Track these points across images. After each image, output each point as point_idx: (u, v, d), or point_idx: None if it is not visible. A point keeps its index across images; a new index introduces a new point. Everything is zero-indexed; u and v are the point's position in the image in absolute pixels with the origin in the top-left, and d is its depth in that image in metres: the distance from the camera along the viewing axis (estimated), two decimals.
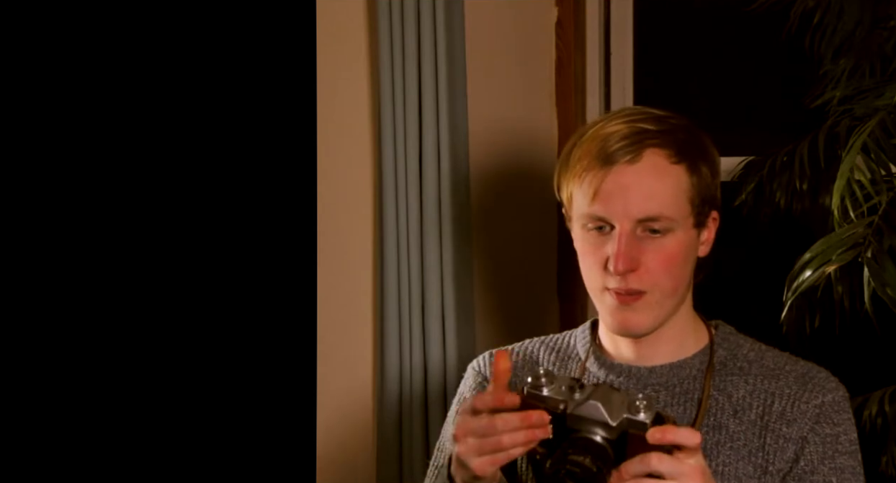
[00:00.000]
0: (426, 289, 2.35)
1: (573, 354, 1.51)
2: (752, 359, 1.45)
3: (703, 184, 1.40)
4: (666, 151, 1.39)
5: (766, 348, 1.48)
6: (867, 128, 1.95)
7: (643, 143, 1.39)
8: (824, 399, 1.41)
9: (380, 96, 2.35)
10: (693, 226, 1.39)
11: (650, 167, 1.38)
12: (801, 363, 1.46)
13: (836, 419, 1.42)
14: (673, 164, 1.39)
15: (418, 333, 2.37)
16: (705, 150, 1.43)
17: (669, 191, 1.38)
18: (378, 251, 2.39)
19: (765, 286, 2.18)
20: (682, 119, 1.46)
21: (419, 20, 2.33)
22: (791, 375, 1.42)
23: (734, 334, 1.49)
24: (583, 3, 2.55)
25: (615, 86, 2.60)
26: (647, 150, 1.39)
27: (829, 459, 1.41)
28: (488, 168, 2.44)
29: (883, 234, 1.94)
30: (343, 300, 2.43)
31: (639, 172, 1.38)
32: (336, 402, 2.41)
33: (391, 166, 2.36)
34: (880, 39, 2.18)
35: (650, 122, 1.42)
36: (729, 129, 2.62)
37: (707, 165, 1.41)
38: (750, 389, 1.42)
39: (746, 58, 2.66)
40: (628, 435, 1.20)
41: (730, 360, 1.44)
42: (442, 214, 2.35)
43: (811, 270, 1.95)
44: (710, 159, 1.42)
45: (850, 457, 1.43)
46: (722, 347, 1.46)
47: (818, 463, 1.40)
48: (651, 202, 1.37)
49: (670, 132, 1.40)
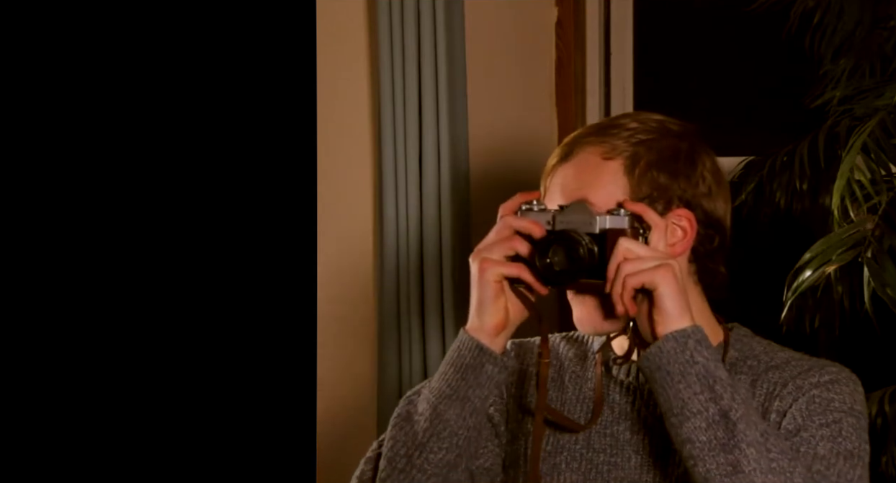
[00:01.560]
0: (426, 289, 2.36)
1: (590, 351, 1.50)
2: (762, 358, 1.44)
3: (653, 183, 1.39)
4: (599, 149, 1.40)
5: (779, 348, 1.47)
6: (867, 128, 1.95)
7: (579, 142, 1.42)
8: (821, 379, 1.39)
9: (380, 96, 2.35)
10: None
11: (578, 163, 1.41)
12: (814, 359, 1.44)
13: (833, 389, 1.38)
14: (605, 161, 1.40)
15: (418, 333, 2.37)
16: (673, 155, 1.41)
17: (595, 183, 1.39)
18: (378, 251, 2.39)
19: (765, 286, 2.18)
20: (672, 125, 1.44)
21: (419, 20, 2.33)
22: (797, 367, 1.41)
23: (749, 336, 1.48)
24: (583, 3, 2.55)
25: (615, 86, 2.60)
26: (579, 148, 1.41)
27: (819, 415, 1.35)
28: (488, 168, 2.44)
29: (883, 234, 1.94)
30: (343, 300, 2.43)
31: (567, 169, 1.42)
32: (336, 402, 2.41)
33: (391, 166, 2.36)
34: (880, 39, 2.18)
35: (606, 126, 1.43)
36: (729, 129, 2.62)
37: (665, 168, 1.40)
38: (752, 381, 1.41)
39: (746, 58, 2.67)
40: (608, 232, 1.35)
41: (740, 361, 1.44)
42: (442, 214, 2.35)
43: (811, 270, 1.95)
44: (675, 164, 1.41)
45: (850, 416, 1.36)
46: (734, 348, 1.45)
47: (805, 419, 1.35)
48: (575, 192, 1.39)
49: (616, 134, 1.41)
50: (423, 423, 1.38)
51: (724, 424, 1.27)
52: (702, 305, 1.45)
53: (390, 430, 1.42)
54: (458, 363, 1.38)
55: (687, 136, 1.43)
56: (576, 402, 1.48)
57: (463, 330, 1.39)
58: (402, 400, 1.44)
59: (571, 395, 1.48)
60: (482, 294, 1.37)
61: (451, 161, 2.34)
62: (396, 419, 1.42)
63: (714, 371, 1.29)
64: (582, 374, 1.49)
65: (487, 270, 1.36)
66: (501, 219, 1.38)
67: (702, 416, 1.28)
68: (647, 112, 1.50)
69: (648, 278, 1.31)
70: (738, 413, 1.27)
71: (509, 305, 1.38)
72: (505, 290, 1.38)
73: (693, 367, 1.29)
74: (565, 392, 1.48)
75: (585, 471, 1.43)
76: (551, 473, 1.43)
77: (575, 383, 1.49)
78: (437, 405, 1.37)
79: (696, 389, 1.28)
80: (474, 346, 1.37)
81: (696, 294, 1.44)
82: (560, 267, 1.34)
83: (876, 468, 2.03)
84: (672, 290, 1.31)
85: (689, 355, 1.29)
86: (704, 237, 1.43)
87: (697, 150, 1.43)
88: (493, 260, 1.36)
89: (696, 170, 1.42)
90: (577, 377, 1.49)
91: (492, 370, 1.37)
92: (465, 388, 1.37)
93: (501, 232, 1.37)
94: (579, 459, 1.44)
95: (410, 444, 1.38)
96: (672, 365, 1.29)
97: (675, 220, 1.40)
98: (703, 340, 1.31)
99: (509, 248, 1.37)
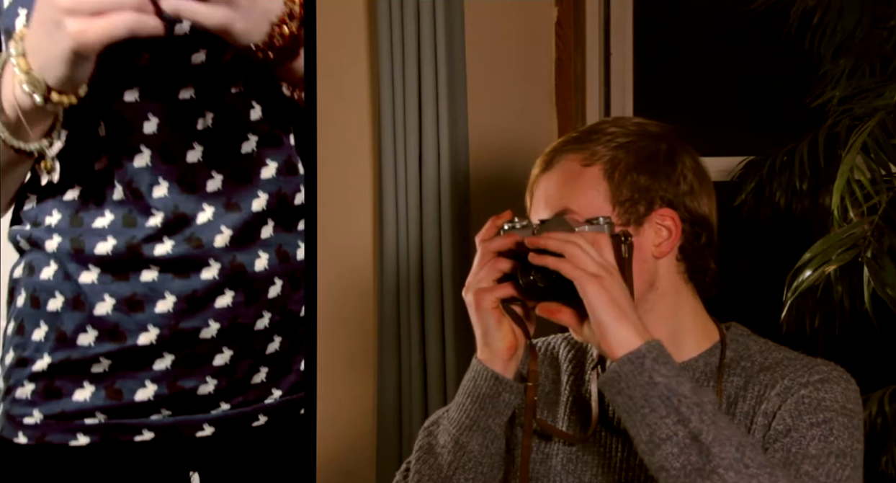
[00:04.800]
0: (426, 289, 2.36)
1: (589, 354, 1.51)
2: (757, 359, 1.43)
3: (634, 185, 1.39)
4: (579, 156, 1.41)
5: (775, 348, 1.46)
6: (867, 128, 1.95)
7: (559, 151, 1.42)
8: (811, 378, 1.38)
9: (380, 97, 2.35)
10: (621, 225, 1.39)
11: (558, 172, 1.42)
12: (807, 358, 1.43)
13: (823, 388, 1.35)
14: (584, 167, 1.40)
15: (417, 333, 2.37)
16: (652, 156, 1.41)
17: (576, 191, 1.39)
18: (378, 251, 2.39)
19: (765, 286, 2.18)
20: (651, 126, 1.45)
21: (419, 20, 2.33)
22: (788, 367, 1.41)
23: (746, 335, 1.48)
24: (583, 3, 2.56)
25: (615, 86, 2.60)
26: (560, 157, 1.42)
27: (810, 415, 1.33)
28: (488, 168, 2.44)
29: (883, 234, 1.94)
30: (343, 300, 2.43)
31: (548, 179, 1.42)
32: (336, 402, 2.41)
33: (391, 166, 2.36)
34: (880, 39, 2.18)
35: (586, 133, 1.44)
36: (729, 129, 2.62)
37: (645, 169, 1.40)
38: (743, 383, 1.41)
39: (746, 58, 2.67)
40: None
41: (734, 361, 1.43)
42: (442, 214, 2.35)
43: (811, 270, 1.95)
44: (655, 165, 1.41)
45: (841, 415, 1.34)
46: (730, 348, 1.45)
47: (795, 419, 1.33)
48: (557, 202, 1.39)
49: (596, 140, 1.41)
50: (446, 456, 1.39)
51: (696, 448, 1.24)
52: (695, 304, 1.45)
53: (415, 464, 1.43)
54: (474, 393, 1.39)
55: (665, 137, 1.44)
56: (572, 404, 1.48)
57: (476, 359, 1.39)
58: (421, 431, 1.46)
59: (568, 398, 1.49)
60: (484, 324, 1.37)
61: (451, 161, 2.34)
62: (419, 452, 1.43)
63: (677, 388, 1.26)
64: (580, 377, 1.50)
65: (483, 300, 1.36)
66: (481, 245, 1.38)
67: (672, 442, 1.25)
68: (626, 117, 1.50)
69: (568, 270, 1.29)
70: (710, 435, 1.24)
71: (514, 327, 1.38)
72: (505, 313, 1.38)
73: (654, 389, 1.26)
74: (562, 395, 1.49)
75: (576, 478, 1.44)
76: (541, 480, 1.45)
77: (572, 387, 1.49)
78: (458, 437, 1.38)
79: (661, 413, 1.25)
80: (489, 376, 1.37)
81: (688, 293, 1.45)
82: (542, 283, 1.33)
83: (876, 468, 2.03)
84: (602, 299, 1.28)
85: (648, 376, 1.26)
86: (691, 235, 1.43)
87: (677, 150, 1.43)
88: (484, 288, 1.36)
89: (677, 169, 1.42)
90: (574, 379, 1.49)
91: (509, 398, 1.38)
92: (485, 417, 1.38)
93: (483, 258, 1.37)
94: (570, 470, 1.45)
95: (437, 477, 1.39)
96: (633, 389, 1.27)
97: (659, 220, 1.40)
98: (661, 356, 1.27)
99: (496, 271, 1.36)
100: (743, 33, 2.62)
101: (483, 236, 1.38)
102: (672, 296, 1.43)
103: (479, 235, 1.38)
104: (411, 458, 1.45)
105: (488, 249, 1.36)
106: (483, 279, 1.36)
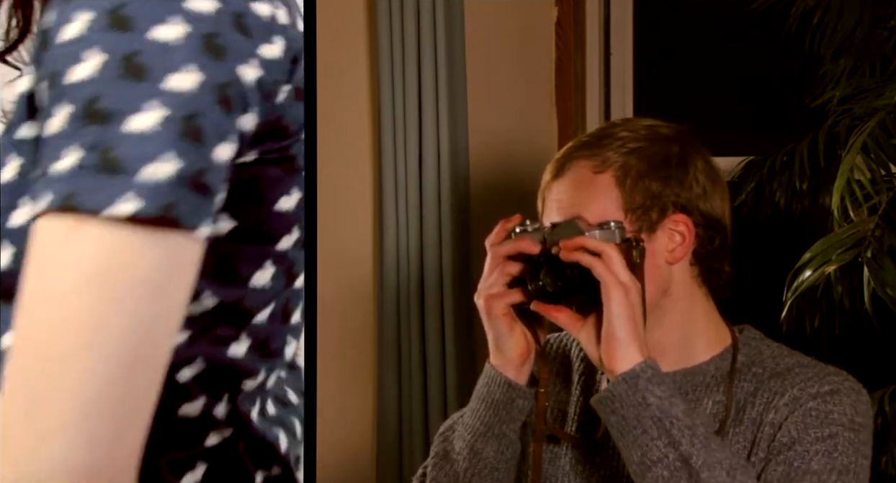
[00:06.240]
0: (426, 289, 2.36)
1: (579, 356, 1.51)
2: (768, 365, 1.42)
3: (646, 191, 1.38)
4: (590, 163, 1.40)
5: (787, 353, 1.45)
6: (867, 128, 1.95)
7: (570, 157, 1.41)
8: (820, 389, 1.37)
9: (380, 96, 2.35)
10: (635, 232, 1.38)
11: (570, 179, 1.40)
12: (819, 366, 1.42)
13: (832, 400, 1.35)
14: (596, 174, 1.39)
15: (417, 333, 2.37)
16: (663, 160, 1.41)
17: (588, 199, 1.38)
18: (378, 251, 2.39)
19: (765, 286, 2.18)
20: (662, 129, 1.44)
21: (419, 20, 2.33)
22: (799, 375, 1.40)
23: (758, 340, 1.46)
24: (583, 3, 2.55)
25: (615, 86, 2.60)
26: (571, 163, 1.41)
27: (816, 429, 1.32)
28: (488, 168, 2.44)
29: (883, 234, 1.94)
30: (343, 300, 2.43)
31: (560, 185, 1.41)
32: (336, 402, 2.41)
33: (391, 166, 2.36)
34: (880, 39, 2.18)
35: (597, 137, 1.43)
36: (729, 129, 2.62)
37: (656, 175, 1.39)
38: (753, 389, 1.40)
39: (746, 58, 2.67)
40: None
41: (745, 367, 1.42)
42: (442, 214, 2.35)
43: (811, 270, 1.95)
44: (667, 170, 1.40)
45: (848, 430, 1.34)
46: (742, 352, 1.44)
47: (801, 432, 1.33)
48: (569, 210, 1.38)
49: (607, 145, 1.40)
50: (462, 463, 1.40)
51: (686, 472, 1.24)
52: (708, 307, 1.44)
53: (431, 470, 1.43)
54: (488, 399, 1.39)
55: (677, 139, 1.43)
56: (583, 404, 1.48)
57: (489, 364, 1.39)
58: (437, 436, 1.46)
59: (579, 398, 1.48)
60: (496, 330, 1.37)
61: (451, 161, 2.34)
62: (435, 458, 1.43)
63: (669, 410, 1.26)
64: (591, 376, 1.49)
65: (494, 306, 1.35)
66: (490, 249, 1.37)
67: (662, 465, 1.25)
68: (637, 118, 1.49)
69: (591, 262, 1.29)
70: (700, 459, 1.25)
71: (526, 332, 1.38)
72: (517, 319, 1.37)
73: (647, 410, 1.26)
74: (572, 394, 1.49)
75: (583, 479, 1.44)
76: (549, 480, 1.45)
77: (583, 386, 1.49)
78: (473, 444, 1.39)
79: (653, 435, 1.26)
80: (503, 382, 1.37)
81: (702, 296, 1.43)
82: (552, 288, 1.32)
83: (876, 468, 2.02)
84: (623, 310, 1.28)
85: (641, 397, 1.26)
86: (705, 238, 1.42)
87: (688, 152, 1.42)
88: (494, 294, 1.35)
89: (689, 172, 1.41)
90: (586, 379, 1.49)
91: (522, 404, 1.38)
92: (499, 424, 1.38)
93: (493, 262, 1.36)
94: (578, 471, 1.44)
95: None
96: (626, 409, 1.27)
97: (672, 225, 1.39)
98: (655, 376, 1.28)
99: (506, 276, 1.35)
100: (743, 33, 2.62)
101: (493, 240, 1.37)
102: (685, 300, 1.42)
103: (488, 239, 1.38)
104: (427, 464, 1.45)
105: (498, 254, 1.36)
106: (493, 284, 1.35)
